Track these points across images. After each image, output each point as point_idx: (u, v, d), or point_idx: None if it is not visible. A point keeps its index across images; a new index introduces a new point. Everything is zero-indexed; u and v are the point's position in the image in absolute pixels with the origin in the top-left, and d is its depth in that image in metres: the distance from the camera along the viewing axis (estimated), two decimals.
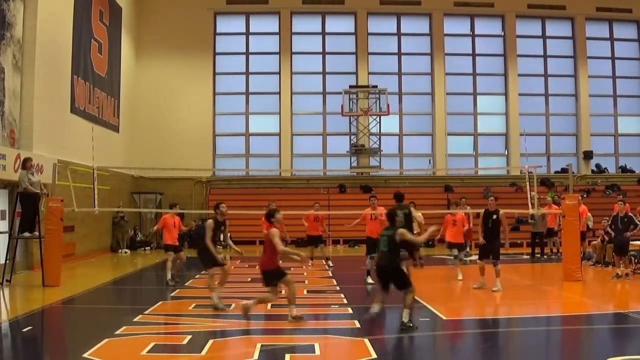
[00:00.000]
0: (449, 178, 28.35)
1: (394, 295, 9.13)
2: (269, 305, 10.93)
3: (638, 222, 14.29)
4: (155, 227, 15.85)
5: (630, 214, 14.57)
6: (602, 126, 29.43)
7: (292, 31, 28.76)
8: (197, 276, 14.94)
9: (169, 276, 13.59)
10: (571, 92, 29.39)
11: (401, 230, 9.16)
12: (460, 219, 15.27)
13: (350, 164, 28.01)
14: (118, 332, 8.64)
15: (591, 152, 28.77)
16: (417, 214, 13.43)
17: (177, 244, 14.22)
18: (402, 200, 12.94)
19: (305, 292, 12.60)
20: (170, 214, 14.50)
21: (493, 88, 29.29)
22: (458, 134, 28.98)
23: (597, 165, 28.99)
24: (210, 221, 10.75)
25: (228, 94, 28.65)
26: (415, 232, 13.03)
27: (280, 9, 28.43)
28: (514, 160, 28.16)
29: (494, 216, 12.59)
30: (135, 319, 9.51)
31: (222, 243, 11.51)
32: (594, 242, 17.41)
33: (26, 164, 13.89)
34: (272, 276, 9.48)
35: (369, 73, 28.47)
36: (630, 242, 15.43)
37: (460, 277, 14.15)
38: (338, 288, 13.03)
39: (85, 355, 7.35)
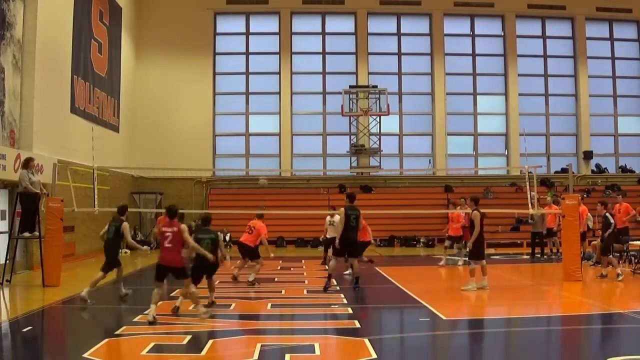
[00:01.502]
0: (449, 178, 28.35)
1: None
2: (269, 305, 10.95)
3: (611, 222, 14.25)
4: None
5: (607, 214, 14.50)
6: (602, 126, 29.44)
7: (292, 31, 28.76)
8: None
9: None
10: (571, 92, 29.38)
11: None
12: (456, 217, 17.20)
13: (350, 164, 28.01)
14: (118, 332, 8.66)
15: (591, 152, 28.76)
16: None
17: None
18: (354, 200, 13.12)
19: (305, 292, 12.62)
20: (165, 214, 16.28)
21: (493, 88, 29.27)
22: (458, 134, 28.97)
23: (597, 165, 28.97)
24: (126, 224, 11.79)
25: (228, 94, 28.64)
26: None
27: (280, 9, 28.43)
28: (514, 160, 28.16)
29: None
30: (135, 319, 9.52)
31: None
32: (594, 242, 17.37)
33: (28, 164, 13.88)
34: (182, 273, 9.89)
35: (369, 73, 28.46)
36: (630, 242, 15.44)
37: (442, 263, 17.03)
38: (338, 288, 13.03)
39: (85, 355, 7.35)
